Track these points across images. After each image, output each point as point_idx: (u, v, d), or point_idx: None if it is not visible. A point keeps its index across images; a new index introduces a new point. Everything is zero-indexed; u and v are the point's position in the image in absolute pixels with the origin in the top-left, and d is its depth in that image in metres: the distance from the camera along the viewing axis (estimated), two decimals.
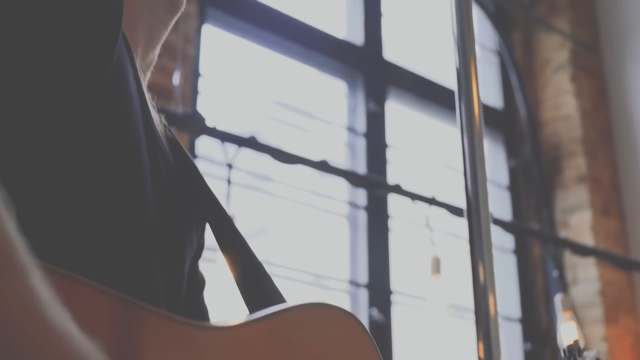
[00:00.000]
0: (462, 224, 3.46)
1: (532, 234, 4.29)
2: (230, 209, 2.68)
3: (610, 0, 5.14)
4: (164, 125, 0.99)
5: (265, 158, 2.75)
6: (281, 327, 0.79)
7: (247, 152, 2.81)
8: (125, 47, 0.82)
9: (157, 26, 0.98)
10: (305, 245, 6.05)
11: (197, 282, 1.03)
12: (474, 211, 0.75)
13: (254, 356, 0.74)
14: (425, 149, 4.49)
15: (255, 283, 0.95)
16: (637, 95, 4.82)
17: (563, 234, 4.35)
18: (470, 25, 0.82)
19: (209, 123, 2.61)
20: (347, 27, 4.34)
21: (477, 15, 5.03)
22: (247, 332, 0.76)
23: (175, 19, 1.02)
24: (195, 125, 2.52)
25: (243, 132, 2.72)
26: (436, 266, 3.20)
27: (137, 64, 0.92)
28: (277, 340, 0.77)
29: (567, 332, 3.81)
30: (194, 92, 3.38)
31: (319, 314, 0.82)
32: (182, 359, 0.68)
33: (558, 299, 3.94)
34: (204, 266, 1.07)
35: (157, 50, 1.02)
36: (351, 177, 3.16)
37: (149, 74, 1.04)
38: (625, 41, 4.97)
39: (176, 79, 2.95)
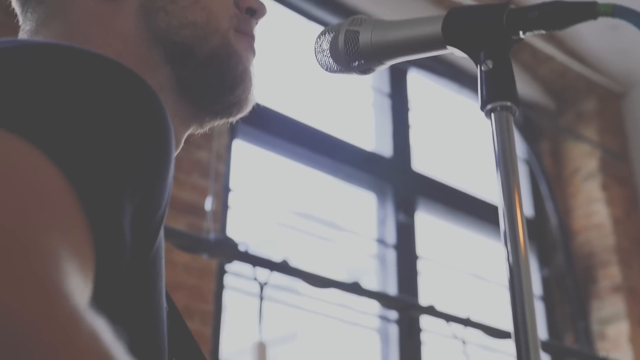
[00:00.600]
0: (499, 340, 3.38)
1: (571, 354, 4.17)
2: (262, 325, 2.64)
3: (637, 108, 5.16)
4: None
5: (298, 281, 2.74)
6: None
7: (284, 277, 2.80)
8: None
9: None
10: (335, 357, 5.95)
11: None
12: (522, 337, 0.73)
13: None
14: (457, 260, 4.44)
15: None
16: None
17: (600, 346, 4.24)
18: (513, 147, 0.81)
19: (241, 247, 2.61)
20: (375, 139, 4.38)
21: None
22: None
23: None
24: (228, 251, 2.53)
25: (275, 255, 2.71)
26: None
27: None
28: None
29: None
30: (224, 208, 3.39)
31: None
32: None
33: None
34: None
35: None
36: (383, 299, 3.13)
37: None
38: None
39: (208, 204, 2.97)
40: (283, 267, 2.60)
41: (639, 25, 0.73)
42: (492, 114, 0.79)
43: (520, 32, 0.81)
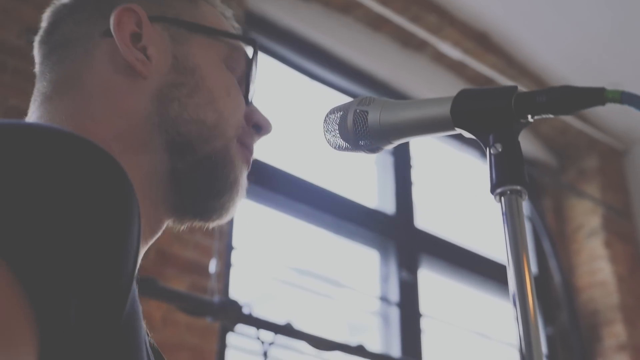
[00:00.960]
0: None
1: None
2: None
3: (639, 165, 5.18)
4: (151, 344, 0.98)
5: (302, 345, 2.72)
6: None
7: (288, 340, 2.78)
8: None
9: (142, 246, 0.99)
10: None
11: None
12: None
13: None
14: (460, 318, 4.41)
15: None
16: None
17: None
18: (523, 230, 0.82)
19: (245, 310, 2.60)
20: (378, 196, 4.38)
21: None
22: None
23: (148, 245, 1.02)
24: (232, 314, 2.51)
25: (278, 313, 2.70)
26: None
27: None
28: None
29: None
30: (227, 267, 3.38)
31: None
32: None
33: None
34: None
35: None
36: None
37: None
38: None
39: (212, 265, 2.97)
40: (287, 330, 2.58)
41: None
42: (502, 198, 0.79)
43: (529, 116, 0.82)
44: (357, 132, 0.91)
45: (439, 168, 4.83)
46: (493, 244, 4.83)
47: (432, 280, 4.39)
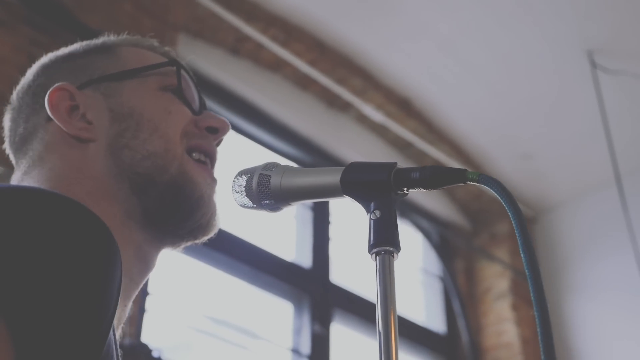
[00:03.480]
0: None
1: None
2: None
3: (547, 233, 5.42)
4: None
5: None
6: None
7: None
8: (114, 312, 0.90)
9: (131, 287, 1.06)
10: None
11: None
12: None
13: None
14: None
15: None
16: (575, 325, 4.97)
17: None
18: (393, 285, 0.92)
19: (155, 354, 2.64)
20: (295, 250, 4.48)
21: (422, 243, 5.25)
22: None
23: (148, 277, 1.10)
24: (141, 358, 2.56)
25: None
26: None
27: (114, 323, 1.00)
28: None
29: None
30: (141, 311, 3.41)
31: None
32: None
33: None
34: None
35: (129, 308, 1.09)
36: None
37: (120, 328, 1.09)
38: (562, 272, 5.19)
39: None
40: None
41: (497, 191, 0.87)
42: (377, 257, 0.91)
43: (405, 189, 0.94)
44: (260, 193, 1.02)
45: (356, 225, 4.96)
46: (405, 302, 4.96)
47: (344, 335, 4.48)
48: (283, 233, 4.49)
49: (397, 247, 0.92)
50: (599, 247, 5.08)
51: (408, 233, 5.22)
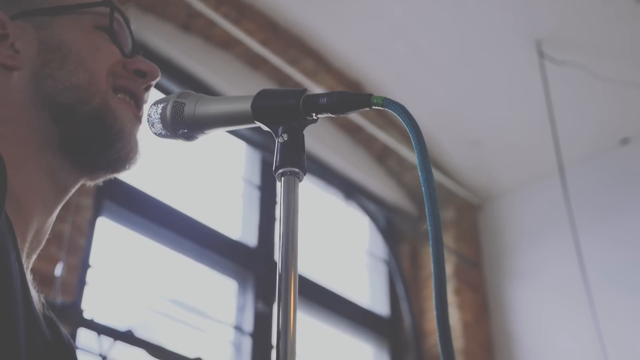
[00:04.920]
0: None
1: None
2: None
3: (491, 220, 5.50)
4: (43, 304, 1.05)
5: (142, 352, 2.77)
6: None
7: (128, 347, 2.82)
8: (9, 231, 0.91)
9: (44, 212, 1.06)
10: None
11: None
12: None
13: None
14: (314, 353, 4.53)
15: None
16: (516, 311, 5.06)
17: None
18: (296, 205, 0.94)
19: (87, 315, 2.64)
20: (241, 229, 4.49)
21: (368, 227, 5.29)
22: None
23: (63, 203, 1.11)
24: (73, 317, 2.55)
25: (121, 326, 2.74)
26: None
27: (25, 246, 1.00)
28: None
29: None
30: (81, 283, 3.39)
31: None
32: None
33: None
34: None
35: (45, 234, 1.10)
36: None
37: (34, 257, 1.10)
38: (505, 258, 5.28)
39: (58, 270, 2.99)
40: (127, 337, 2.63)
41: (401, 115, 0.89)
42: (282, 178, 0.93)
43: (314, 114, 0.96)
44: (174, 121, 1.03)
45: (305, 207, 4.98)
46: (353, 285, 5.00)
47: None
48: (229, 211, 4.50)
49: (303, 169, 0.93)
50: (541, 235, 5.17)
51: (355, 216, 5.26)
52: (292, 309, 0.85)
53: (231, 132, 4.56)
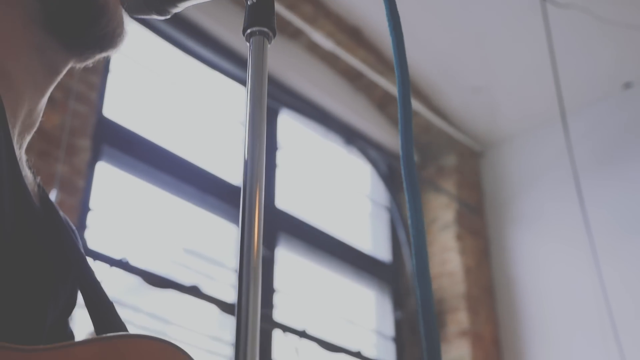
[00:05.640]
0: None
1: None
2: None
3: (493, 166, 5.50)
4: (39, 186, 1.06)
5: (137, 280, 2.80)
6: (111, 350, 0.86)
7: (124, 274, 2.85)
8: None
9: (35, 93, 1.06)
10: None
11: (66, 338, 1.07)
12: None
13: None
14: (313, 295, 4.56)
15: (109, 324, 1.01)
16: (517, 256, 5.08)
17: None
18: (265, 67, 0.89)
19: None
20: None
21: (370, 174, 5.30)
22: (76, 352, 0.83)
23: (54, 84, 1.10)
24: None
25: (116, 255, 2.77)
26: None
27: (17, 123, 1.00)
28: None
29: None
30: (81, 225, 3.42)
31: (147, 345, 0.89)
32: None
33: None
34: None
35: (38, 116, 1.09)
36: (223, 305, 3.22)
37: (28, 138, 1.09)
38: (507, 204, 5.28)
39: (52, 196, 3.00)
40: (123, 265, 2.66)
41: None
42: (251, 39, 0.91)
43: None
44: None
45: (304, 152, 4.99)
46: (355, 231, 5.02)
47: (288, 259, 4.53)
48: (230, 158, 4.50)
49: (272, 30, 0.92)
50: (543, 181, 5.17)
51: (356, 163, 5.26)
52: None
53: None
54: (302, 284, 4.57)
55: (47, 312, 0.98)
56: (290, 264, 4.54)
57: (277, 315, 3.79)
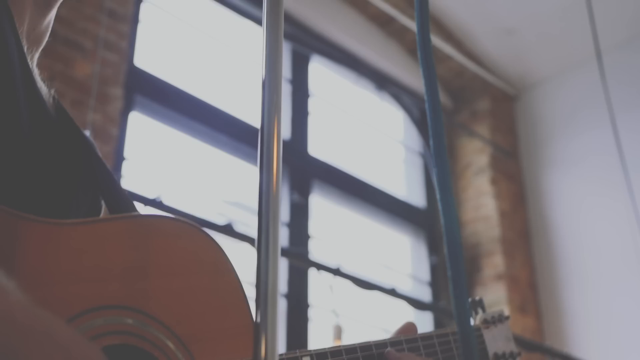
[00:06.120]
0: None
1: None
2: None
3: (528, 109, 5.44)
4: (53, 97, 1.08)
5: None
6: (138, 226, 0.93)
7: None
8: (6, 13, 0.94)
9: (36, 10, 1.07)
10: None
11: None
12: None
13: (110, 246, 0.89)
14: (348, 240, 4.58)
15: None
16: (553, 199, 5.04)
17: None
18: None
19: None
20: None
21: (403, 119, 5.27)
22: (106, 226, 0.89)
23: (56, 5, 1.11)
24: None
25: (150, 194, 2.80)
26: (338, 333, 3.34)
27: (22, 38, 1.01)
28: (130, 235, 0.92)
29: None
30: (117, 174, 3.46)
31: (170, 224, 0.94)
32: (48, 251, 0.84)
33: None
34: None
35: (44, 33, 1.10)
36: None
37: (37, 55, 1.10)
38: (542, 148, 5.23)
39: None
40: (156, 204, 2.70)
41: None
42: None
43: None
44: None
45: (336, 99, 4.97)
46: (389, 177, 5.02)
47: (322, 205, 4.54)
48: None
49: None
50: (578, 123, 5.10)
51: (389, 109, 5.24)
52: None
53: None
54: (337, 230, 4.59)
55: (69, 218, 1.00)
56: (325, 211, 4.55)
57: (312, 256, 3.82)
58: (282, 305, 3.94)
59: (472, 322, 1.39)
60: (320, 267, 3.47)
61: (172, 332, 0.92)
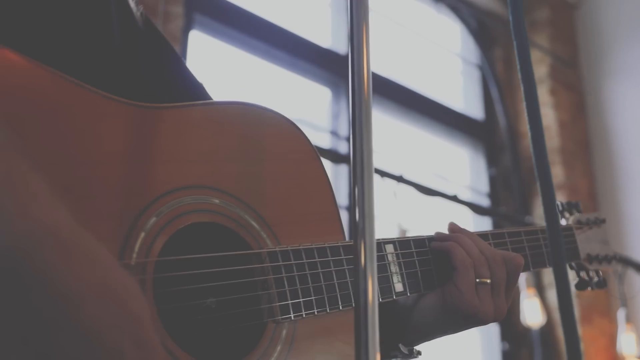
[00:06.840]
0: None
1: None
2: None
3: (588, 18, 5.33)
4: (141, 13, 1.13)
5: None
6: (222, 114, 0.99)
7: None
8: None
9: None
10: None
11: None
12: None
13: (199, 130, 0.94)
14: (409, 152, 4.62)
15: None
16: (614, 109, 4.99)
17: None
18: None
19: None
20: (332, 37, 4.51)
21: (460, 31, 5.23)
22: (192, 112, 0.95)
23: None
24: None
25: None
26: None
27: None
28: (215, 122, 0.97)
29: (530, 309, 3.95)
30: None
31: (249, 109, 0.98)
32: (139, 132, 0.88)
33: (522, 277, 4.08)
34: None
35: None
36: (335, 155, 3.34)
37: None
38: (602, 57, 5.15)
39: None
40: None
41: None
42: None
43: None
44: None
45: (395, 14, 4.94)
46: (447, 90, 5.01)
47: (381, 120, 4.58)
48: (319, 20, 4.51)
49: None
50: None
51: (446, 21, 5.19)
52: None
53: None
54: (397, 144, 4.63)
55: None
56: (384, 125, 4.59)
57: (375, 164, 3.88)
58: None
59: (563, 222, 1.41)
60: (384, 174, 3.54)
61: (257, 213, 0.97)
